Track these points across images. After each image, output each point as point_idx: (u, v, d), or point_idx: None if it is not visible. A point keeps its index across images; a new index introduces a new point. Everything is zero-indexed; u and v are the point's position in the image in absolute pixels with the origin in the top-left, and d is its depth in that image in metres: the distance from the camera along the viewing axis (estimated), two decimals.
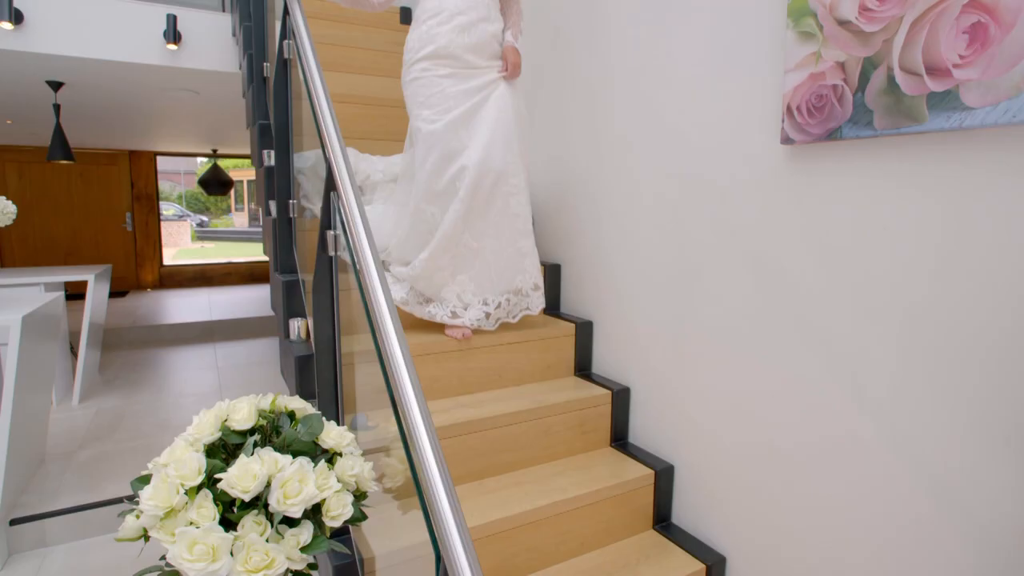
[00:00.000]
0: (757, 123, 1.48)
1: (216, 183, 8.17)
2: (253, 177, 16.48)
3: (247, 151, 8.43)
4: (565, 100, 2.24)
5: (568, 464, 1.86)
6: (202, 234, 16.87)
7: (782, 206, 1.43)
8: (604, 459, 1.90)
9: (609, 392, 1.98)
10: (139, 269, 8.13)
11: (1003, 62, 1.00)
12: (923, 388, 1.18)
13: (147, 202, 8.06)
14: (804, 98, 1.33)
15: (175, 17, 3.44)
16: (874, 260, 1.25)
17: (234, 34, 3.56)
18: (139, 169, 7.95)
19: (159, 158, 8.18)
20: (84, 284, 4.10)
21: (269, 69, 2.37)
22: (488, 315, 1.90)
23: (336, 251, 1.32)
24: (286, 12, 1.78)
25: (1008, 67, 1.00)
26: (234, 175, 9.07)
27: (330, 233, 1.33)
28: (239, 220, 18.59)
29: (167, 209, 15.51)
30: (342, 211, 1.20)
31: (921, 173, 1.16)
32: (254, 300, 7.43)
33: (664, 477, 1.80)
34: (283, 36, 1.84)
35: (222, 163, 8.73)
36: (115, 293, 7.54)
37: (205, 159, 12.95)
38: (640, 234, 1.91)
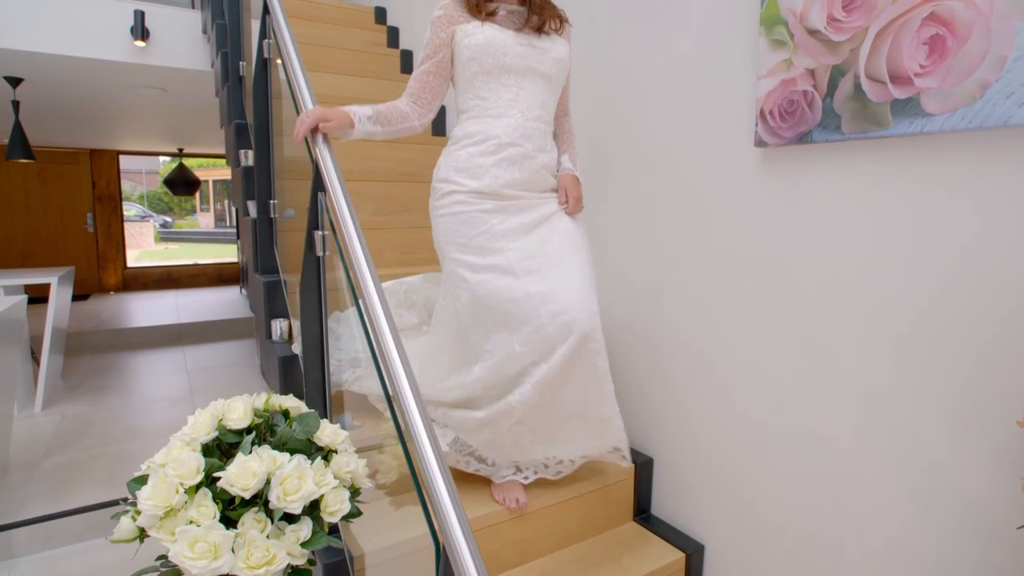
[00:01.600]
0: (732, 127, 1.54)
1: (183, 183, 7.97)
2: (220, 177, 16.15)
3: (216, 150, 8.26)
4: None
5: None
6: (166, 235, 16.42)
7: (757, 206, 1.50)
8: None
9: None
10: (101, 271, 7.88)
11: (959, 72, 1.08)
12: (898, 380, 1.25)
13: (109, 202, 7.82)
14: (776, 103, 1.39)
15: (143, 13, 3.37)
16: (844, 256, 1.32)
17: (205, 32, 3.50)
18: (101, 168, 7.71)
19: (121, 157, 7.95)
20: (46, 287, 3.97)
21: (245, 68, 2.35)
22: (547, 466, 1.60)
23: (324, 251, 1.33)
24: (266, 11, 1.77)
25: (964, 76, 1.07)
26: (200, 175, 8.87)
27: (318, 233, 1.33)
28: (204, 221, 18.14)
29: (128, 210, 15.04)
30: (331, 211, 1.21)
31: (886, 174, 1.23)
32: (223, 302, 7.28)
33: (644, 470, 1.85)
34: (263, 35, 1.83)
35: (187, 162, 8.52)
36: (77, 296, 7.29)
37: (168, 158, 12.60)
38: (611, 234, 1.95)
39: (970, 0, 1.05)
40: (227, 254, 10.01)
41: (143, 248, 13.92)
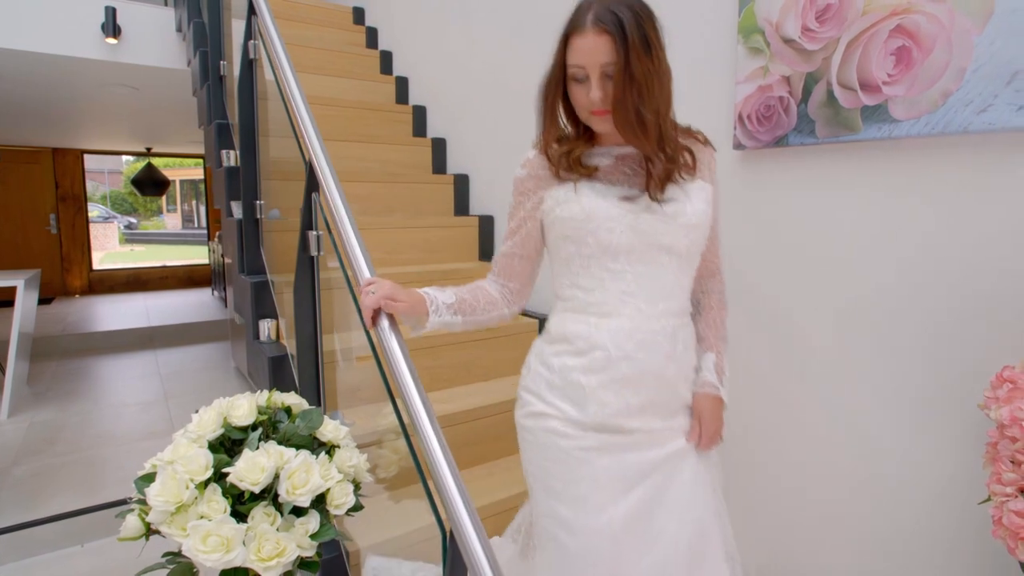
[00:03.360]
0: (711, 130, 1.60)
1: (151, 183, 7.79)
2: (188, 177, 15.78)
3: (186, 150, 8.09)
4: None
5: None
6: (131, 237, 16.01)
7: (736, 206, 1.56)
8: None
9: None
10: (66, 274, 7.64)
11: (924, 81, 1.15)
12: (871, 368, 1.32)
13: (73, 203, 7.60)
14: (754, 108, 1.46)
15: (114, 10, 3.31)
16: (817, 253, 1.39)
17: (179, 29, 3.45)
18: (64, 168, 7.48)
19: (84, 156, 7.72)
20: (11, 291, 3.85)
21: (226, 68, 2.34)
22: None
23: (318, 251, 1.35)
24: (252, 12, 1.78)
25: (928, 85, 1.15)
26: (167, 174, 8.65)
27: (311, 234, 1.35)
28: (172, 222, 17.71)
29: (91, 211, 14.64)
30: (326, 211, 1.23)
31: (857, 175, 1.31)
32: (195, 304, 7.14)
33: None
34: (248, 36, 1.83)
35: (153, 162, 8.31)
36: (40, 300, 7.06)
37: (132, 158, 12.23)
38: None
39: (932, 15, 1.13)
40: (197, 256, 9.80)
41: (107, 250, 13.53)
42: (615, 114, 0.91)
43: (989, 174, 1.11)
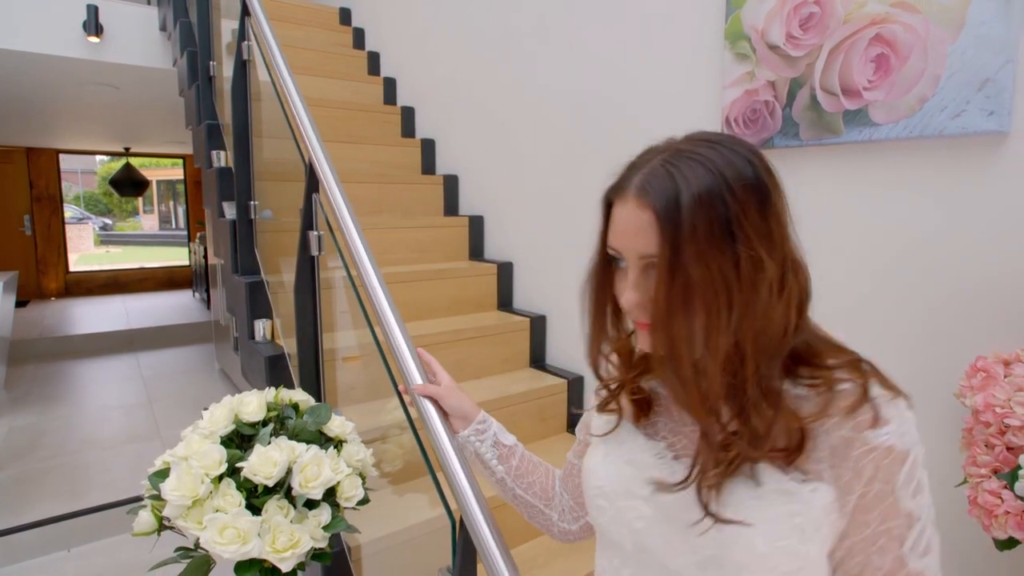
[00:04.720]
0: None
1: (130, 183, 7.66)
2: (165, 177, 15.53)
3: (165, 150, 7.97)
4: None
5: (531, 450, 1.97)
6: (106, 238, 15.71)
7: None
8: (564, 443, 2.03)
9: (565, 381, 2.11)
10: (41, 276, 7.48)
11: (902, 87, 1.22)
12: None
13: (49, 203, 7.44)
14: (740, 111, 1.51)
15: (96, 8, 3.27)
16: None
17: (163, 28, 3.42)
18: (39, 168, 7.33)
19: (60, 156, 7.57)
20: None
21: (216, 68, 2.33)
22: None
23: (319, 251, 1.37)
24: (245, 13, 1.79)
25: (906, 91, 1.21)
26: (144, 174, 8.50)
27: (312, 234, 1.37)
28: (148, 223, 17.40)
29: (65, 211, 14.34)
30: (328, 212, 1.25)
31: (838, 176, 1.37)
32: (176, 307, 7.05)
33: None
34: (241, 37, 1.83)
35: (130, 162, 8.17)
36: (15, 303, 6.91)
37: (107, 157, 12.00)
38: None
39: (909, 25, 1.19)
40: (175, 257, 9.66)
41: (82, 252, 13.25)
42: (651, 335, 0.56)
43: (963, 175, 1.18)
